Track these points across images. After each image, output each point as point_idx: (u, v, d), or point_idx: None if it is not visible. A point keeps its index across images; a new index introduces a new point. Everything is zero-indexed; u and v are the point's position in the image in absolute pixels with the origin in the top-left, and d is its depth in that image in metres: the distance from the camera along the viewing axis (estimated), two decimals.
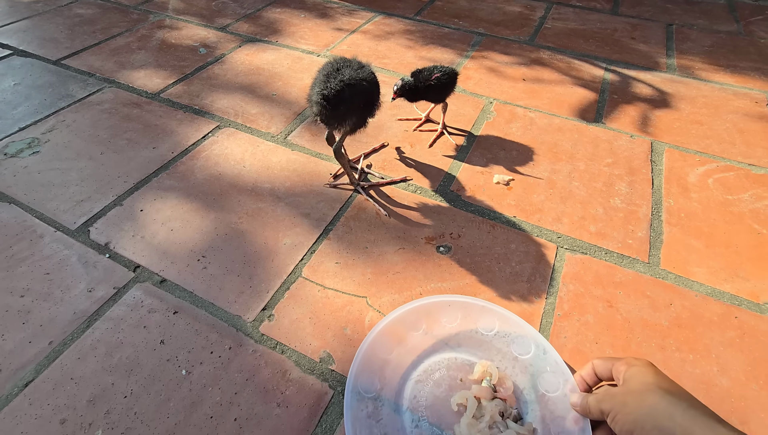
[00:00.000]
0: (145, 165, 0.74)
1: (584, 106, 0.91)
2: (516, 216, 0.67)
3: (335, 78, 0.57)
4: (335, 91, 0.56)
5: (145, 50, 1.06)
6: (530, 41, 1.15)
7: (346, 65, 0.60)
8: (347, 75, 0.58)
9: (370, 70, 0.61)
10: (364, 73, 0.59)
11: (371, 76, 0.60)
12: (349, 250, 0.62)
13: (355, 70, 0.59)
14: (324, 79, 0.58)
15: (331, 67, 0.59)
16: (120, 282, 0.57)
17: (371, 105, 0.62)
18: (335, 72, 0.58)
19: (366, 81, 0.59)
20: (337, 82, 0.57)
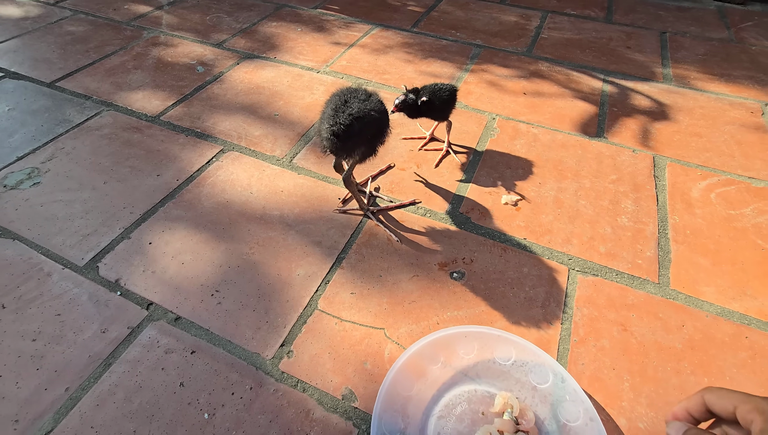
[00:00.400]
0: (151, 194, 0.73)
1: (585, 120, 0.92)
2: (526, 238, 0.68)
3: (343, 112, 0.57)
4: (345, 126, 0.56)
5: (142, 69, 1.05)
6: (528, 52, 1.15)
7: (354, 96, 0.60)
8: (355, 108, 0.57)
9: (377, 100, 0.61)
10: (371, 104, 0.59)
11: (379, 106, 0.60)
12: (364, 279, 0.62)
13: (363, 101, 0.59)
14: (332, 114, 0.58)
15: (338, 99, 0.59)
16: (134, 321, 0.56)
17: (381, 134, 0.62)
18: (343, 105, 0.58)
19: (374, 111, 0.59)
20: (346, 116, 0.57)
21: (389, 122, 0.63)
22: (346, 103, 0.59)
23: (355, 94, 0.60)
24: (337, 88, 0.62)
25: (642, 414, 0.49)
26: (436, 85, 0.76)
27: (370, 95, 0.61)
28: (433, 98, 0.74)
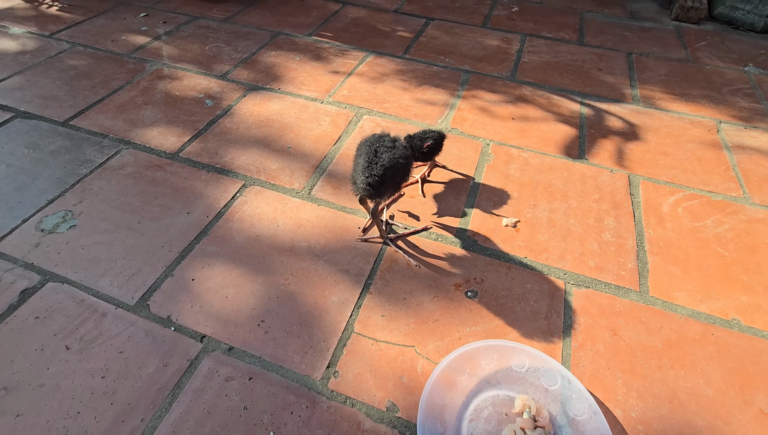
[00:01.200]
0: (185, 232, 0.79)
1: (568, 143, 1.03)
2: (527, 257, 0.78)
3: (376, 164, 0.66)
4: (379, 177, 0.65)
5: (152, 105, 1.09)
6: (512, 77, 1.26)
7: (382, 145, 0.68)
8: (386, 158, 0.66)
9: (401, 146, 0.70)
10: (398, 152, 0.68)
11: (404, 152, 0.69)
12: (391, 302, 0.70)
13: (390, 149, 0.68)
14: (366, 165, 0.66)
15: (369, 149, 0.68)
16: (191, 353, 0.63)
17: (406, 175, 0.71)
18: (374, 156, 0.67)
19: (402, 159, 0.67)
20: (379, 168, 0.65)
21: (413, 163, 0.72)
22: (376, 153, 0.67)
23: (382, 142, 0.69)
24: (363, 136, 0.70)
25: (634, 405, 0.59)
26: (426, 132, 0.85)
27: (395, 141, 0.70)
28: (429, 147, 0.84)
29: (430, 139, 0.84)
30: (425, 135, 0.85)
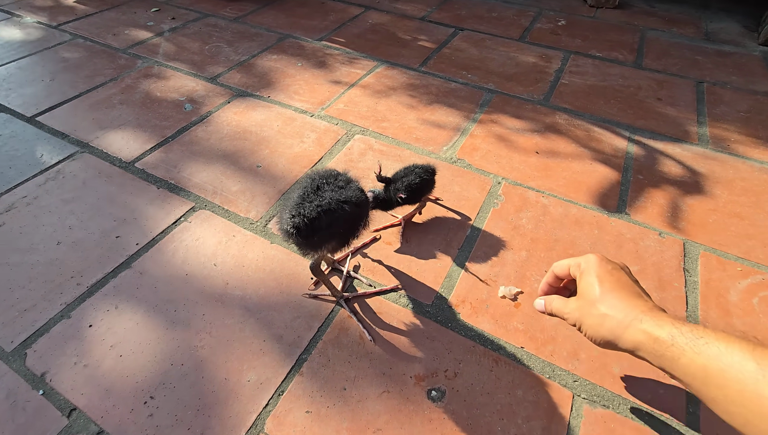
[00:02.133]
0: (105, 260, 0.66)
1: (605, 190, 0.80)
2: (524, 347, 0.57)
3: (311, 202, 0.48)
4: (309, 221, 0.47)
5: (127, 105, 0.99)
6: (545, 101, 1.05)
7: (330, 182, 0.51)
8: (326, 198, 0.49)
9: (356, 188, 0.52)
10: (348, 193, 0.50)
11: (357, 196, 0.51)
12: (324, 392, 0.52)
13: (339, 189, 0.50)
14: (298, 201, 0.49)
15: (310, 184, 0.51)
16: (50, 433, 0.48)
17: (354, 229, 0.52)
18: (313, 192, 0.49)
19: (349, 204, 0.49)
20: (313, 208, 0.48)
21: (368, 214, 0.54)
22: (317, 190, 0.50)
23: (333, 179, 0.52)
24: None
25: None
26: (412, 169, 0.68)
27: (350, 181, 0.52)
28: (410, 189, 0.66)
29: (419, 178, 0.66)
30: (412, 170, 0.67)
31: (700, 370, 0.35)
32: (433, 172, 0.69)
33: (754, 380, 0.32)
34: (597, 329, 0.43)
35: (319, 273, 0.57)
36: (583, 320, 0.44)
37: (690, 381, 0.36)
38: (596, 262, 0.46)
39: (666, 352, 0.38)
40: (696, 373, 0.36)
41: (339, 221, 0.49)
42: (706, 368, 0.35)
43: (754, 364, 0.33)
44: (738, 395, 0.33)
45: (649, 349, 0.39)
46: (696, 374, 0.36)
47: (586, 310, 0.44)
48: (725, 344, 0.35)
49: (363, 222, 0.53)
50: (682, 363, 0.37)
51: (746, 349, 0.34)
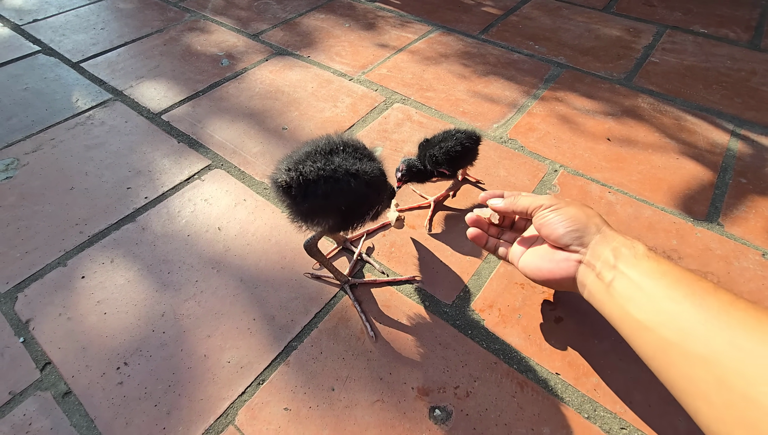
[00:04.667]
0: (111, 211, 0.63)
1: (693, 192, 0.64)
2: (561, 374, 0.45)
3: (314, 162, 0.40)
4: (304, 179, 0.39)
5: (167, 57, 0.96)
6: (627, 81, 0.87)
7: (348, 149, 0.42)
8: (334, 164, 0.40)
9: (376, 167, 0.43)
10: (361, 167, 0.41)
11: (371, 175, 0.42)
12: (309, 390, 0.45)
13: (355, 159, 0.41)
14: (302, 157, 0.41)
15: (323, 145, 0.42)
16: (20, 385, 0.45)
17: (360, 211, 0.43)
18: (323, 154, 0.41)
19: (357, 178, 0.40)
20: (313, 169, 0.39)
21: (378, 199, 0.45)
22: (329, 153, 0.42)
23: (351, 149, 0.43)
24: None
25: None
26: (452, 134, 0.56)
27: (371, 158, 0.44)
28: (448, 156, 0.54)
29: (451, 150, 0.55)
30: (446, 139, 0.56)
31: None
32: (478, 140, 0.57)
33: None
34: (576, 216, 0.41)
35: (315, 253, 0.49)
36: (562, 206, 0.41)
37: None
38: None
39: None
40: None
41: (340, 195, 0.40)
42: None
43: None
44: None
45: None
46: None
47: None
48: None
49: (371, 207, 0.44)
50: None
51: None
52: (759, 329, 0.28)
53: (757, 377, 0.26)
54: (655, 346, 0.32)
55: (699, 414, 0.29)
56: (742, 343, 0.28)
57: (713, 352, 0.28)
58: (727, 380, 0.27)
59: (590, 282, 0.38)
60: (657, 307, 0.32)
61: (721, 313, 0.30)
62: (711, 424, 0.28)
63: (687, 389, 0.30)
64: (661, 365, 0.32)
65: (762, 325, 0.28)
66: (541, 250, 0.43)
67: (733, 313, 0.30)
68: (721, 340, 0.29)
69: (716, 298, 0.31)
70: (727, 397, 0.27)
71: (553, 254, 0.41)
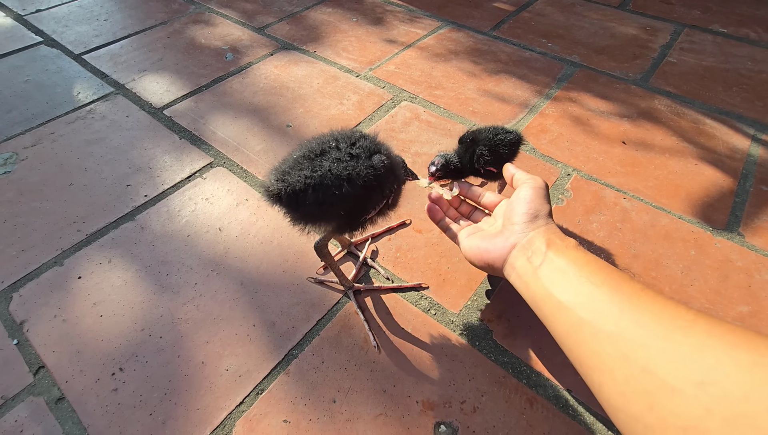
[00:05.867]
0: (110, 208, 0.61)
1: (712, 200, 0.62)
2: (574, 390, 0.43)
3: (301, 169, 0.38)
4: (292, 190, 0.37)
5: (170, 50, 0.94)
6: (643, 81, 0.84)
7: (339, 147, 0.40)
8: (324, 168, 0.38)
9: (371, 165, 0.40)
10: (352, 169, 0.38)
11: (366, 176, 0.39)
12: (310, 401, 0.43)
13: (352, 158, 0.39)
14: (292, 164, 0.39)
15: (315, 146, 0.40)
16: (12, 389, 0.44)
17: (364, 211, 0.41)
18: (312, 159, 0.39)
19: (351, 182, 0.38)
20: (300, 178, 0.37)
21: (383, 195, 0.42)
22: (320, 155, 0.39)
23: (347, 146, 0.40)
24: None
25: None
26: (497, 131, 0.51)
27: (372, 151, 0.41)
28: (494, 153, 0.50)
29: (506, 145, 0.50)
30: (496, 131, 0.51)
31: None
32: (521, 140, 0.52)
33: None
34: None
35: (325, 255, 0.47)
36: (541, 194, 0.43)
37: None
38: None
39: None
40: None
41: (335, 200, 0.38)
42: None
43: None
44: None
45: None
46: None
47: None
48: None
49: (376, 205, 0.42)
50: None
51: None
52: (663, 313, 0.30)
53: (657, 352, 0.28)
54: (570, 325, 0.34)
55: (602, 388, 0.31)
56: (647, 322, 0.30)
57: (621, 329, 0.31)
58: (630, 355, 0.29)
59: (520, 265, 0.40)
60: (578, 289, 0.35)
61: (632, 298, 0.32)
62: (611, 397, 0.30)
63: (594, 365, 0.32)
64: (574, 343, 0.34)
65: (666, 309, 0.30)
66: (485, 234, 0.45)
67: (643, 297, 0.32)
68: (628, 319, 0.31)
69: (630, 285, 0.33)
70: (629, 372, 0.29)
71: (493, 237, 0.43)
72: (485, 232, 0.46)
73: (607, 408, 0.31)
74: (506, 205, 0.45)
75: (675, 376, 0.27)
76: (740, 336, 0.27)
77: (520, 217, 0.42)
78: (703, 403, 0.25)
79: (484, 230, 0.47)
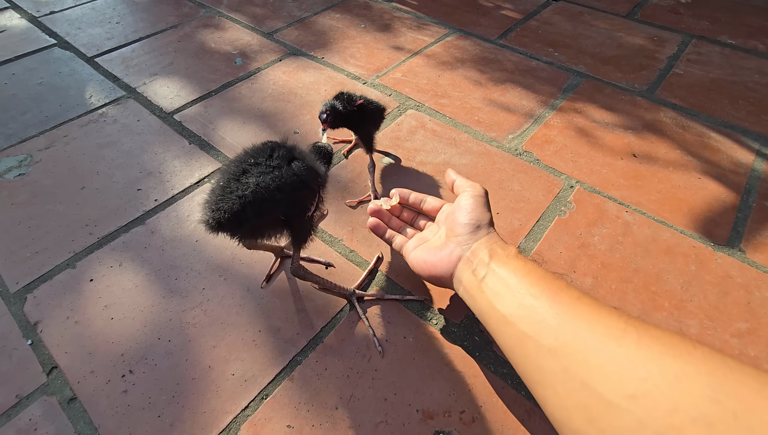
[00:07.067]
0: (121, 212, 0.63)
1: (714, 215, 0.62)
2: None
3: (231, 192, 0.40)
4: (232, 215, 0.39)
5: (180, 54, 0.96)
6: (649, 93, 0.85)
7: (258, 161, 0.42)
8: (251, 186, 0.40)
9: (298, 166, 0.43)
10: (279, 177, 0.41)
11: (294, 177, 0.42)
12: (312, 408, 0.44)
13: (273, 169, 0.42)
14: (220, 192, 0.41)
15: (234, 169, 0.42)
16: (26, 388, 0.46)
17: (301, 211, 0.44)
18: (236, 178, 0.41)
19: (281, 189, 0.41)
20: (233, 199, 0.39)
21: (319, 187, 0.46)
22: (242, 175, 0.41)
23: (264, 159, 0.42)
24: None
25: None
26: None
27: (291, 157, 0.44)
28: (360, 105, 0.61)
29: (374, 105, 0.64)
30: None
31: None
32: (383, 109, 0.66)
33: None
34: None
35: (305, 275, 0.50)
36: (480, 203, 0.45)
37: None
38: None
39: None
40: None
41: (272, 208, 0.41)
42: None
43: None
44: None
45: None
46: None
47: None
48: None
49: (312, 200, 0.45)
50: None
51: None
52: (599, 323, 0.31)
53: (594, 365, 0.29)
54: (515, 340, 0.35)
55: (547, 403, 0.32)
56: (584, 335, 0.31)
57: (561, 344, 0.31)
58: (570, 369, 0.30)
59: (466, 278, 0.40)
60: (519, 302, 0.35)
61: (569, 308, 0.33)
62: (554, 411, 0.31)
63: (539, 380, 0.32)
64: (520, 358, 0.34)
65: (601, 319, 0.31)
66: (431, 246, 0.46)
67: (579, 307, 0.33)
68: (567, 332, 0.31)
69: (567, 294, 0.34)
70: (570, 386, 0.30)
71: (439, 250, 0.44)
72: (430, 244, 0.46)
73: (553, 422, 0.32)
74: (448, 213, 0.46)
75: (610, 389, 0.28)
76: (666, 344, 0.28)
77: (463, 227, 0.43)
78: (635, 416, 0.26)
79: (430, 241, 0.47)
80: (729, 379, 0.25)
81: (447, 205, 0.50)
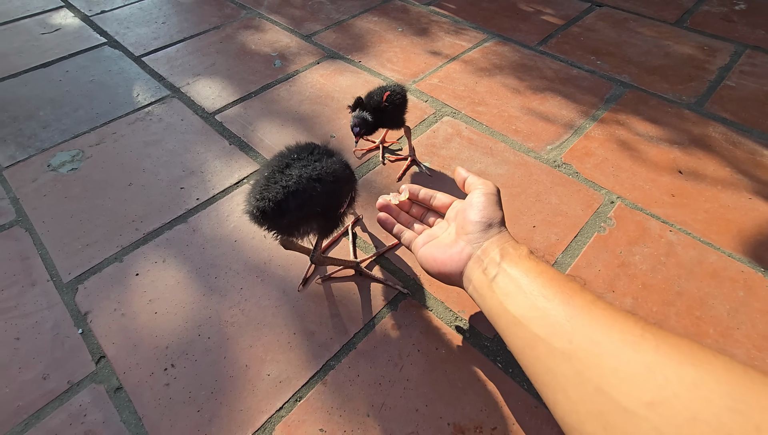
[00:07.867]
0: (166, 209, 0.65)
1: (765, 238, 0.59)
2: None
3: (275, 182, 0.42)
4: (276, 204, 0.41)
5: (222, 54, 0.98)
6: (697, 106, 0.81)
7: (301, 157, 0.45)
8: (294, 178, 0.42)
9: (336, 162, 0.46)
10: (322, 170, 0.44)
11: (335, 171, 0.45)
12: (345, 413, 0.45)
13: (313, 163, 0.44)
14: (264, 183, 0.43)
15: (278, 162, 0.45)
16: (77, 375, 0.48)
17: (338, 205, 0.47)
18: (280, 171, 0.44)
19: (320, 181, 0.43)
20: (278, 189, 0.42)
21: (354, 186, 0.49)
22: (286, 168, 0.44)
23: (305, 155, 0.45)
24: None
25: None
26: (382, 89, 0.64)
27: (330, 154, 0.47)
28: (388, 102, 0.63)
29: (397, 95, 0.64)
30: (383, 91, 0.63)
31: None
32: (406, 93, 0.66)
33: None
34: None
35: (325, 260, 0.53)
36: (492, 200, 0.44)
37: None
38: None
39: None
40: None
41: (312, 201, 0.43)
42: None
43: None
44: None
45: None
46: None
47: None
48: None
49: (345, 197, 0.47)
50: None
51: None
52: (614, 328, 0.30)
53: (609, 371, 0.28)
54: (526, 341, 0.34)
55: (557, 406, 0.31)
56: (599, 339, 0.30)
57: (575, 347, 0.30)
58: (584, 374, 0.29)
59: (476, 277, 0.40)
60: (531, 303, 0.35)
61: (584, 312, 0.32)
62: (565, 415, 0.30)
63: (549, 383, 0.32)
64: (530, 359, 0.34)
65: (617, 324, 0.30)
66: (440, 243, 0.45)
67: (594, 311, 0.32)
68: (581, 336, 0.31)
69: (582, 297, 0.33)
70: (583, 390, 0.29)
71: (448, 247, 0.43)
72: (440, 241, 0.46)
73: (563, 426, 0.31)
74: (459, 210, 0.45)
75: (626, 396, 0.27)
76: (685, 351, 0.27)
77: (474, 225, 0.42)
78: (653, 424, 0.25)
79: (439, 238, 0.46)
80: (751, 390, 0.24)
81: (457, 202, 0.49)
